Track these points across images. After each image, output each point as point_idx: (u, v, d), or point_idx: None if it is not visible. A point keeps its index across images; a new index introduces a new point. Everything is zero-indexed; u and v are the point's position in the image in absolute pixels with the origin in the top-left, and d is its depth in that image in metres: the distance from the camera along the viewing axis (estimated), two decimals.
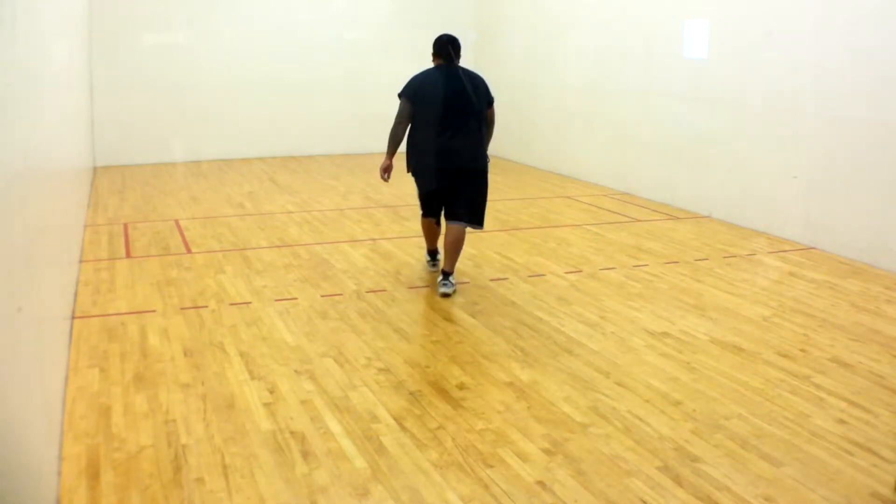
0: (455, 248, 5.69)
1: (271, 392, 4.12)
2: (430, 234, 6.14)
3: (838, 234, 6.92)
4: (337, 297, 5.65)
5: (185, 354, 4.61)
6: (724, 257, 6.85)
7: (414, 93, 5.64)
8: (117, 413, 3.88)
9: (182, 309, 5.38)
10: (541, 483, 3.32)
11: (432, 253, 6.26)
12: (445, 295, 5.63)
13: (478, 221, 5.71)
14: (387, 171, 5.74)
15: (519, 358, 4.62)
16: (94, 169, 10.86)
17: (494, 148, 6.34)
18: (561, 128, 10.82)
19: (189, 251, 6.87)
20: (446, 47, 5.72)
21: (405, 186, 9.94)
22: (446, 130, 5.56)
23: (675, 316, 5.35)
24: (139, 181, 10.23)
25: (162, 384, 4.20)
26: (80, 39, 9.10)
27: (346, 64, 12.44)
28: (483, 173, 5.67)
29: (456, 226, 5.67)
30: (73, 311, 5.32)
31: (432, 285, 5.92)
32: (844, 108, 6.80)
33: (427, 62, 5.87)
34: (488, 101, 5.75)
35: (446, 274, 5.69)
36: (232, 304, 5.48)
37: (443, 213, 5.89)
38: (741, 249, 7.12)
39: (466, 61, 6.26)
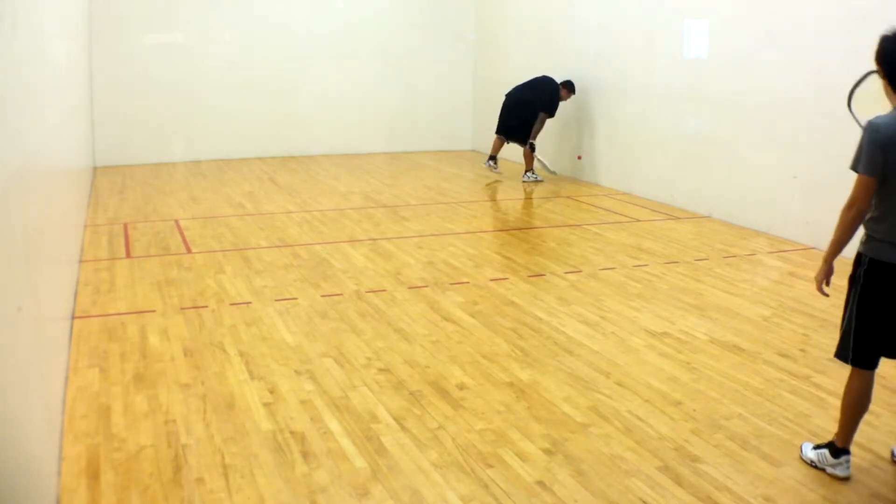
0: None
1: (271, 392, 4.12)
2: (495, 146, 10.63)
3: None
4: (337, 297, 5.65)
5: (185, 354, 4.61)
6: (724, 257, 6.85)
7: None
8: (117, 413, 3.88)
9: (182, 309, 5.38)
10: (541, 483, 3.32)
11: (493, 158, 10.51)
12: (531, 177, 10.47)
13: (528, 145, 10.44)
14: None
15: (519, 358, 4.62)
16: (94, 169, 10.86)
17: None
18: (561, 128, 10.81)
19: (189, 251, 6.87)
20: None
21: (405, 186, 9.98)
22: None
23: (675, 316, 5.35)
24: (139, 181, 10.23)
25: (162, 384, 4.20)
26: (80, 39, 9.10)
27: (346, 64, 12.43)
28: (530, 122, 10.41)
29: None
30: (73, 311, 5.32)
31: (432, 285, 5.93)
32: (844, 109, 6.78)
33: (426, 62, 6.20)
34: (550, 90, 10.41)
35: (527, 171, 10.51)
36: (232, 304, 5.48)
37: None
38: (741, 249, 7.12)
39: (466, 61, 8.49)
